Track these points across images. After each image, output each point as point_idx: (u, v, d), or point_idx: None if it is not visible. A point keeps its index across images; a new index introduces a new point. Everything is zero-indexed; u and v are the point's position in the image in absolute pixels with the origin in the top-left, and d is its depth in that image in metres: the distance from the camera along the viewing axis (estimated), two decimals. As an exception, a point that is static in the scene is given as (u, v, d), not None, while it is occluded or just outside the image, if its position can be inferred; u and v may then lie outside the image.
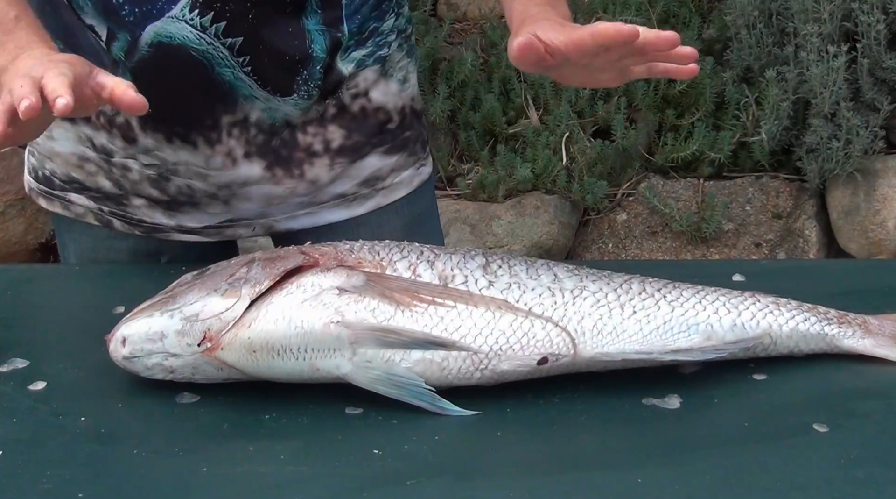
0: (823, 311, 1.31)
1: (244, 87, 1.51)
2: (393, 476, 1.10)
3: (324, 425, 1.19)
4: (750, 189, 3.51)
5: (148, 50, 1.47)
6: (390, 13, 1.62)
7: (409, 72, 1.67)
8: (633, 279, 1.29)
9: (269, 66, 1.51)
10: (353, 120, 1.61)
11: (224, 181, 1.58)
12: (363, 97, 1.60)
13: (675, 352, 1.22)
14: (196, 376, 1.24)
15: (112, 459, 1.13)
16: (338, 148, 1.60)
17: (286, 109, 1.55)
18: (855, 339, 1.29)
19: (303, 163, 1.59)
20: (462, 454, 1.14)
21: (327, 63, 1.55)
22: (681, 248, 3.49)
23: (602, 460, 1.13)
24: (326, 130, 1.59)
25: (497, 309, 1.21)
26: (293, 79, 1.53)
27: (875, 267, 1.89)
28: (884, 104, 3.30)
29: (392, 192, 1.68)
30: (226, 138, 1.55)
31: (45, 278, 1.62)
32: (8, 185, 3.66)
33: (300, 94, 1.54)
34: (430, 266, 1.25)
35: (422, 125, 1.71)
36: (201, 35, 1.47)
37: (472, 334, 1.20)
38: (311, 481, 1.10)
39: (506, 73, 3.64)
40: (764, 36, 3.45)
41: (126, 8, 1.46)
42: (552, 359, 1.20)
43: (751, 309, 1.27)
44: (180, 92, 1.51)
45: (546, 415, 1.19)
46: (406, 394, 1.19)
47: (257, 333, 1.21)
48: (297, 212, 1.62)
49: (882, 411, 1.21)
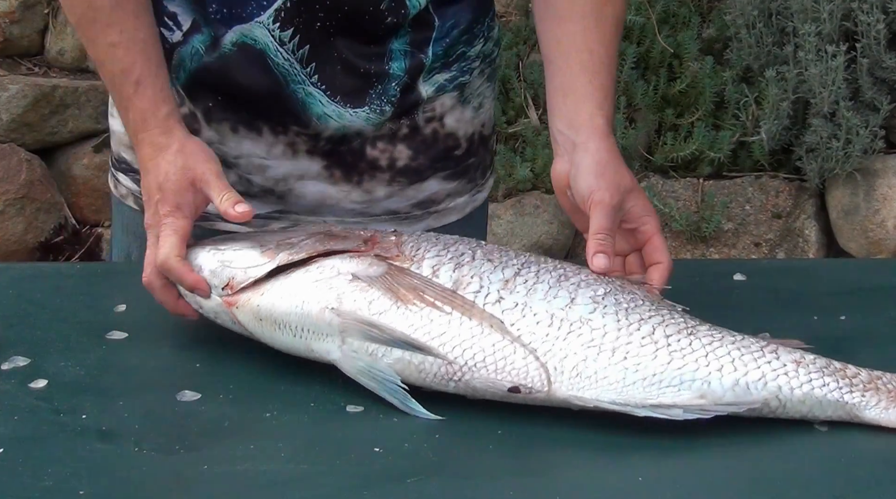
0: (853, 373, 1.18)
1: (315, 104, 1.50)
2: (394, 474, 1.10)
3: (325, 423, 1.19)
4: (749, 189, 3.52)
5: (231, 48, 1.48)
6: (479, 38, 1.59)
7: (485, 97, 1.64)
8: (659, 314, 1.21)
9: (339, 76, 1.50)
10: (423, 142, 1.58)
11: (282, 173, 1.56)
12: (437, 121, 1.58)
13: (655, 407, 1.14)
14: (217, 321, 1.31)
15: (113, 456, 1.13)
16: (402, 167, 1.58)
17: (358, 123, 1.53)
18: (878, 409, 1.15)
19: (364, 173, 1.57)
20: (463, 453, 1.14)
21: (406, 83, 1.53)
22: (680, 247, 3.49)
23: (603, 458, 1.13)
24: (395, 148, 1.57)
25: (488, 326, 1.19)
26: (366, 92, 1.52)
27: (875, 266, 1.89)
28: (883, 104, 3.30)
29: (444, 216, 1.65)
30: (292, 134, 1.54)
31: (46, 277, 1.61)
32: (7, 184, 3.66)
33: (372, 108, 1.52)
34: (454, 269, 1.24)
35: (486, 151, 1.68)
36: (279, 48, 1.48)
37: (452, 345, 1.19)
38: (312, 479, 1.10)
39: (506, 72, 3.64)
40: (763, 35, 3.46)
41: (214, 6, 1.47)
42: (524, 391, 1.17)
43: (762, 368, 1.16)
44: (256, 93, 1.51)
45: (547, 414, 1.19)
46: (381, 388, 1.20)
47: (265, 304, 1.26)
48: (347, 218, 1.59)
49: (883, 409, 1.21)
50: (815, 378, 1.16)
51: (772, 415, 1.16)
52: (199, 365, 1.30)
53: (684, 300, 1.29)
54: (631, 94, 3.56)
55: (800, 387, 1.15)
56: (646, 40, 3.66)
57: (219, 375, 1.28)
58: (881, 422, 1.15)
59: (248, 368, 1.29)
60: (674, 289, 1.33)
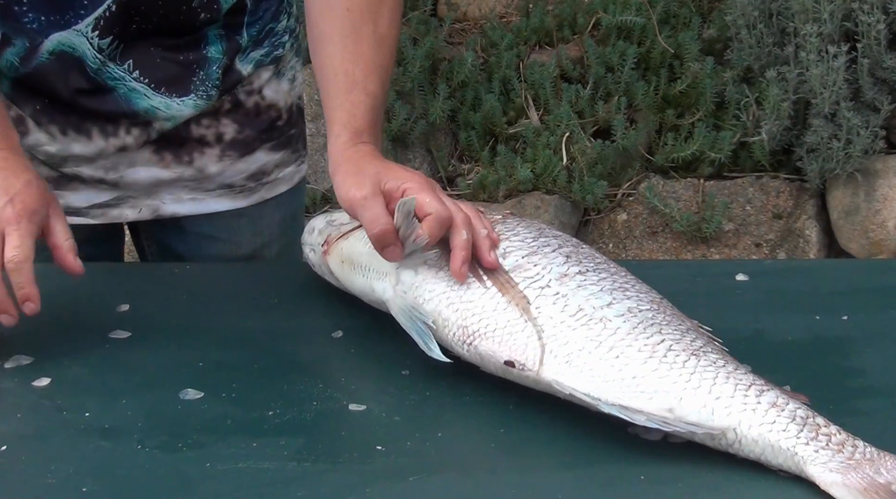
0: (822, 423, 1.09)
1: (140, 99, 1.53)
2: (396, 473, 1.10)
3: (327, 422, 1.19)
4: (750, 189, 3.52)
5: (49, 57, 1.50)
6: (283, 14, 1.65)
7: (297, 71, 1.71)
8: (679, 332, 1.18)
9: (159, 68, 1.53)
10: (247, 116, 1.64)
11: (111, 163, 1.60)
12: (257, 94, 1.64)
13: (623, 408, 1.11)
14: (322, 274, 1.44)
15: (116, 454, 1.14)
16: (230, 141, 1.64)
17: (187, 111, 1.57)
18: (822, 467, 1.05)
19: (193, 151, 1.62)
20: (465, 451, 1.15)
21: (225, 64, 1.58)
22: (681, 248, 3.49)
23: (604, 456, 1.13)
24: (220, 124, 1.62)
25: (514, 305, 1.21)
26: (189, 79, 1.55)
27: (878, 267, 1.89)
28: (884, 104, 3.30)
29: (275, 186, 1.72)
30: (123, 133, 1.57)
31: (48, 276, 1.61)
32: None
33: (199, 95, 1.57)
34: (525, 255, 1.26)
35: (303, 122, 1.76)
36: (97, 55, 1.50)
37: (472, 311, 1.22)
38: (315, 477, 1.10)
39: (506, 73, 3.64)
40: (764, 36, 3.46)
41: (30, 16, 1.48)
42: (518, 366, 1.19)
43: (735, 398, 1.10)
44: (79, 97, 1.53)
45: (549, 411, 1.19)
46: (412, 327, 1.24)
47: (348, 246, 1.37)
48: (182, 196, 1.65)
49: (885, 409, 1.21)
50: (777, 422, 1.08)
51: (730, 449, 1.10)
52: (201, 364, 1.30)
53: (686, 301, 1.29)
54: (631, 94, 3.57)
55: (758, 425, 1.08)
56: (646, 41, 3.67)
57: (221, 373, 1.28)
58: (816, 479, 1.05)
59: (250, 367, 1.29)
60: (675, 289, 1.33)
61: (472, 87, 3.65)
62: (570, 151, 3.52)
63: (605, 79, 3.61)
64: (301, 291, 1.47)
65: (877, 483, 1.03)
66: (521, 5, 3.89)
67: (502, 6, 3.95)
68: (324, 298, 1.44)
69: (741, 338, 1.32)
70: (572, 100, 3.57)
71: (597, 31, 3.72)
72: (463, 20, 3.97)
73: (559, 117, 3.53)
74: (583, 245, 1.32)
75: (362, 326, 1.36)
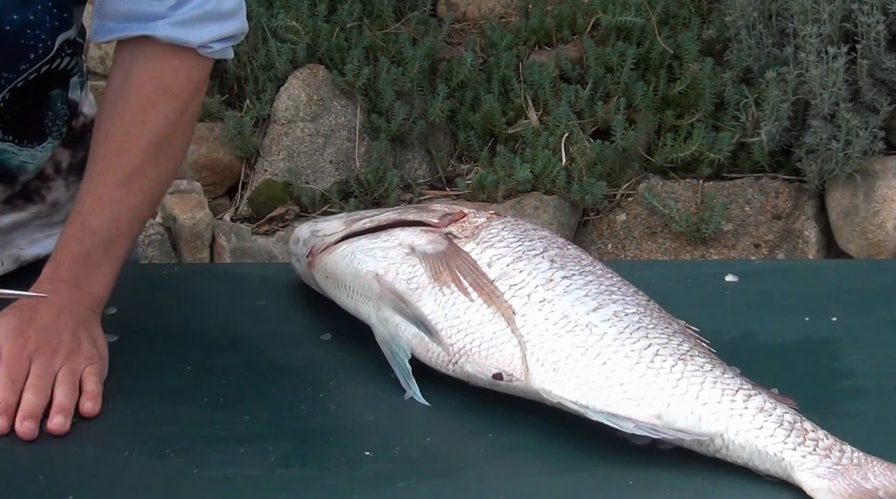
0: (809, 428, 1.09)
1: (11, 158, 1.48)
2: (384, 478, 1.10)
3: (315, 427, 1.19)
4: (749, 190, 3.51)
5: None
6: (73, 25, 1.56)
7: (87, 80, 1.64)
8: (666, 336, 1.18)
9: (17, 122, 1.47)
10: (75, 138, 1.58)
11: None
12: (81, 116, 1.59)
13: (611, 416, 1.11)
14: (308, 282, 1.43)
15: (103, 461, 1.14)
16: (67, 167, 1.58)
17: (46, 155, 1.52)
18: (809, 473, 1.06)
19: (40, 189, 1.57)
20: (453, 456, 1.15)
21: (64, 96, 1.52)
22: (680, 248, 3.49)
23: (593, 461, 1.13)
24: (54, 154, 1.56)
25: (499, 316, 1.21)
26: (42, 123, 1.50)
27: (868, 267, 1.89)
28: (883, 105, 3.30)
29: None
30: None
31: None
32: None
33: (54, 135, 1.52)
34: (510, 262, 1.26)
35: None
36: None
37: (458, 329, 1.22)
38: (302, 483, 1.10)
39: (505, 73, 3.64)
40: (763, 37, 3.45)
41: None
42: (506, 377, 1.18)
43: (722, 403, 1.10)
44: None
45: (536, 416, 1.19)
46: (393, 360, 1.25)
47: (330, 263, 1.36)
48: (37, 235, 1.58)
49: (874, 412, 1.21)
50: (765, 427, 1.08)
51: (718, 455, 1.10)
52: (189, 368, 1.30)
53: (676, 302, 1.29)
54: (631, 94, 3.56)
55: (746, 430, 1.08)
56: (646, 41, 3.66)
57: (209, 378, 1.28)
58: (803, 485, 1.06)
59: (237, 372, 1.29)
60: (666, 290, 1.33)
61: (472, 87, 3.65)
62: (570, 151, 3.51)
63: (605, 79, 3.61)
64: (289, 293, 1.47)
65: (863, 489, 1.04)
66: (521, 6, 3.88)
67: (502, 6, 3.95)
68: (312, 301, 1.43)
69: (730, 339, 1.32)
70: (571, 100, 3.57)
71: (596, 31, 3.72)
72: (462, 20, 3.97)
73: (558, 118, 3.53)
74: (569, 246, 1.31)
75: (351, 327, 1.35)
